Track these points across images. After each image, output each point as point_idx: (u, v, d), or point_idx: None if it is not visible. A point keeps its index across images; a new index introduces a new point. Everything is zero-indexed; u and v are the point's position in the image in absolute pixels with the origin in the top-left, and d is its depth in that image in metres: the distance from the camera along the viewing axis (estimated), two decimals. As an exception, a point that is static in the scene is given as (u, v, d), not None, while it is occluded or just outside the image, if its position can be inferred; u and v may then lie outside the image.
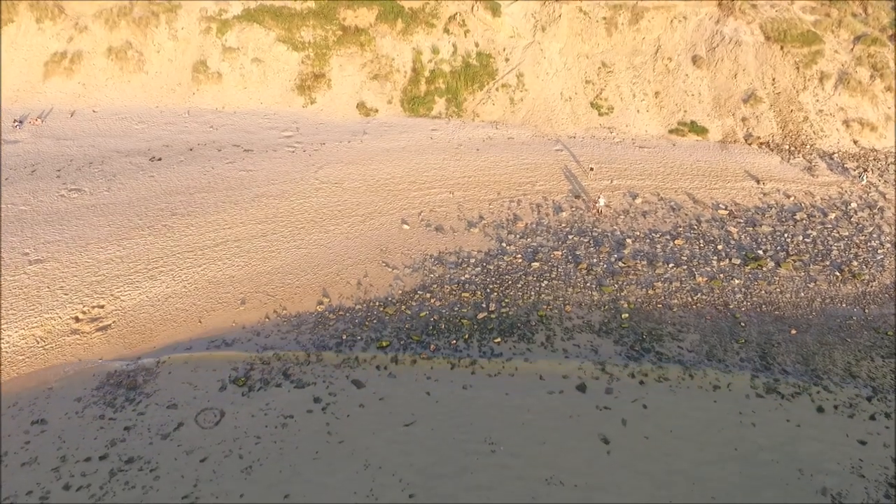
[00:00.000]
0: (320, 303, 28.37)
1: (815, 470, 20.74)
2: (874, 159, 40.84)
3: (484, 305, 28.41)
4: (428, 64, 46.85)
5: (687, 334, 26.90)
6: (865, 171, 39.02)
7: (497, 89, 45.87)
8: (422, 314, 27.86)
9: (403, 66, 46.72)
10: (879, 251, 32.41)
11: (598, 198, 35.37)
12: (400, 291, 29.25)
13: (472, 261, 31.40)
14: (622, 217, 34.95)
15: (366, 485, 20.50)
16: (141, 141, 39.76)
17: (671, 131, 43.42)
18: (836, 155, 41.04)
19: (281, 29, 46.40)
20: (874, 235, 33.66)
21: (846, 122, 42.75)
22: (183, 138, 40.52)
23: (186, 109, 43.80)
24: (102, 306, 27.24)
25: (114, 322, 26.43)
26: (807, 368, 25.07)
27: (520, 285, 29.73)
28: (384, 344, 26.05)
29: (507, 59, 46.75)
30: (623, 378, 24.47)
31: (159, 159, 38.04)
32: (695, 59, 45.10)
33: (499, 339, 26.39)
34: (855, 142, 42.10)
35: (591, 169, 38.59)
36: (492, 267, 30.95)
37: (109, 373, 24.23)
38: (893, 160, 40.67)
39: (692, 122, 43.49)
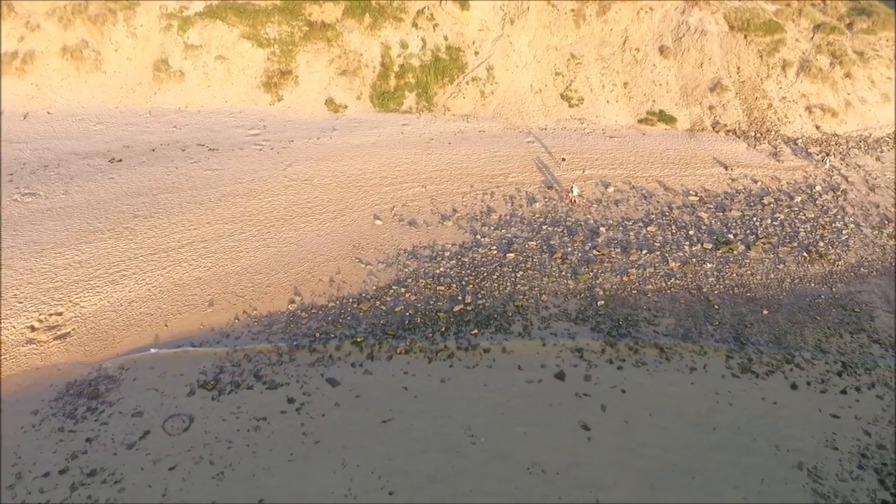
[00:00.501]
0: (292, 301, 27.64)
1: (790, 445, 20.93)
2: (836, 144, 41.77)
3: (460, 298, 28.06)
4: (397, 59, 46.30)
5: (662, 319, 26.98)
6: (828, 155, 39.88)
7: (467, 83, 45.59)
8: (397, 309, 27.37)
9: (372, 61, 46.10)
10: (844, 232, 33.08)
11: (572, 187, 35.35)
12: (374, 287, 28.70)
13: (447, 254, 31.02)
14: (595, 206, 35.00)
15: (343, 484, 19.94)
16: (100, 143, 38.34)
17: (640, 121, 43.74)
18: (799, 140, 41.86)
19: (245, 25, 45.32)
20: (838, 217, 34.36)
21: (808, 109, 43.65)
22: (144, 139, 39.21)
23: (148, 109, 42.43)
24: (61, 313, 26.04)
25: (73, 329, 25.28)
26: (779, 347, 25.35)
27: (495, 277, 29.46)
28: (359, 340, 25.49)
29: (476, 53, 46.51)
30: (601, 364, 24.38)
31: (120, 161, 36.72)
32: (662, 50, 45.54)
33: (476, 331, 26.07)
34: (817, 127, 43.01)
35: (564, 159, 38.59)
36: (467, 259, 30.62)
37: (69, 382, 23.13)
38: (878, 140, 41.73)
39: (661, 112, 43.88)
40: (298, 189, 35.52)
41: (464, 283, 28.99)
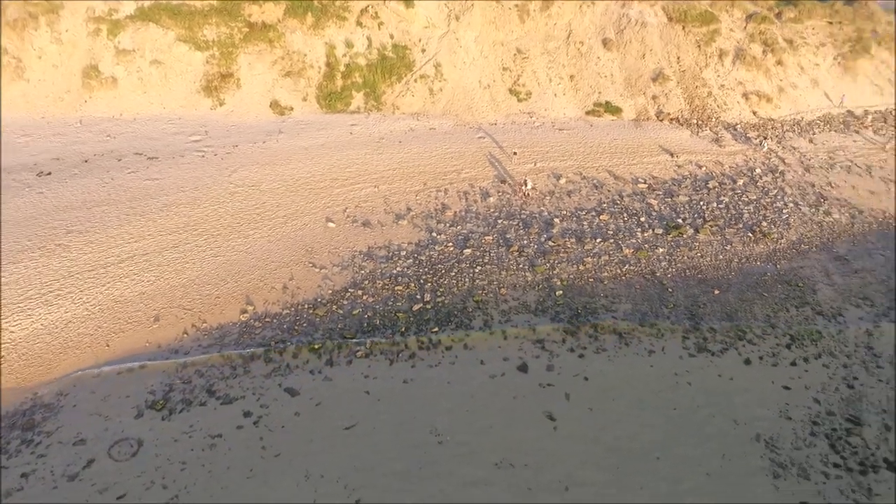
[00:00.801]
0: (244, 311, 26.55)
1: (748, 419, 21.46)
2: (772, 128, 43.54)
3: (419, 297, 27.62)
4: (342, 58, 45.46)
5: (619, 304, 27.31)
6: (765, 138, 41.47)
7: (415, 80, 45.19)
8: (355, 312, 26.70)
9: (317, 61, 45.09)
10: (784, 211, 34.42)
11: (525, 181, 35.46)
12: (330, 291, 27.91)
13: (403, 253, 30.53)
14: (548, 198, 35.22)
15: (308, 496, 19.18)
16: (26, 155, 35.95)
17: (588, 112, 44.41)
18: (738, 126, 43.41)
19: (181, 28, 43.50)
20: (778, 197, 35.74)
21: (745, 95, 45.33)
22: (76, 149, 37.02)
23: (78, 119, 40.14)
24: (-10, 339, 24.15)
25: (3, 357, 23.46)
26: (732, 325, 26.05)
27: (453, 273, 29.17)
28: (317, 347, 24.69)
29: (423, 50, 46.17)
30: (563, 353, 24.42)
31: (49, 174, 34.51)
32: (605, 42, 46.37)
33: (437, 329, 25.70)
34: (754, 113, 44.73)
35: (515, 153, 38.69)
36: (423, 258, 30.21)
37: None
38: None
39: (607, 103, 44.67)
40: (245, 195, 34.27)
41: (422, 281, 28.57)
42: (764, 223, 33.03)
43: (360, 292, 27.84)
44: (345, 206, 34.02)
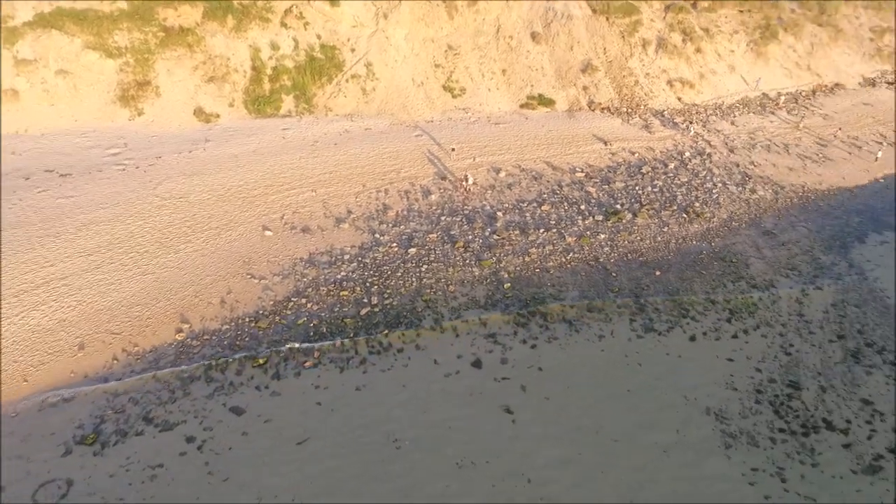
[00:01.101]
0: (180, 330, 24.91)
1: (696, 393, 22.06)
2: (696, 113, 45.42)
3: (366, 301, 26.83)
4: (269, 61, 43.80)
5: (567, 292, 27.54)
6: (691, 123, 43.18)
7: (347, 81, 44.16)
8: (299, 322, 25.60)
9: (241, 65, 43.22)
10: (714, 191, 35.89)
11: (465, 176, 35.26)
12: (271, 302, 26.66)
13: (347, 257, 29.62)
14: (489, 192, 35.18)
15: (262, 519, 18.11)
16: (-83, 179, 32.44)
17: (522, 106, 44.81)
18: (665, 112, 45.01)
19: (88, 34, 40.56)
20: (707, 178, 37.25)
21: (670, 83, 47.08)
22: (-24, 170, 33.73)
23: (-23, 136, 36.62)
24: None
25: None
26: (675, 304, 26.80)
27: (400, 274, 28.56)
28: (261, 361, 23.46)
29: (352, 50, 45.18)
30: (515, 346, 24.33)
31: (-54, 198, 31.26)
32: (534, 36, 46.94)
33: (386, 332, 25.01)
34: (679, 99, 46.52)
35: (453, 149, 38.46)
36: (368, 260, 29.42)
37: None
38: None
39: (540, 95, 45.23)
40: (174, 208, 32.28)
41: (368, 284, 27.79)
42: (696, 204, 34.29)
43: (303, 301, 26.74)
44: (282, 213, 32.70)
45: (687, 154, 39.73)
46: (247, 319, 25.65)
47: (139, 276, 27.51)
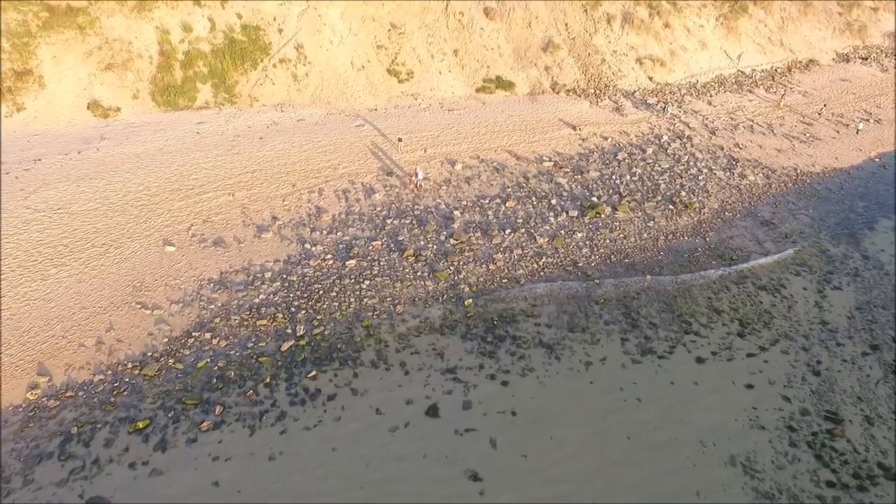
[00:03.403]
0: (34, 386, 18.58)
1: (715, 436, 17.21)
2: (670, 93, 41.15)
3: (289, 331, 21.02)
4: (180, 45, 37.20)
5: (542, 307, 22.38)
6: (667, 103, 38.82)
7: (274, 66, 37.99)
8: (200, 364, 19.60)
9: (147, 49, 36.50)
10: (700, 177, 31.49)
11: (416, 171, 29.75)
12: (165, 340, 20.56)
13: (268, 275, 23.72)
14: (444, 187, 29.78)
15: None
16: None
17: (478, 90, 39.59)
18: (637, 93, 40.57)
19: (-51, 15, 33.21)
20: (691, 163, 32.84)
21: (639, 60, 42.69)
22: None
23: None
24: None
25: None
26: (673, 315, 21.97)
27: (335, 293, 22.85)
28: (141, 425, 17.39)
29: (280, 30, 39.00)
30: (481, 383, 18.98)
31: None
32: (487, 11, 41.75)
33: (314, 373, 19.28)
34: (650, 78, 42.17)
35: (400, 140, 32.90)
36: (295, 277, 23.60)
37: None
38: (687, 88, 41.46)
39: (498, 78, 40.11)
40: (48, 222, 25.66)
41: (293, 309, 21.98)
42: (682, 193, 29.73)
43: (207, 335, 20.73)
44: (189, 223, 26.50)
45: (665, 138, 35.26)
46: (129, 365, 19.48)
47: (-12, 313, 20.97)
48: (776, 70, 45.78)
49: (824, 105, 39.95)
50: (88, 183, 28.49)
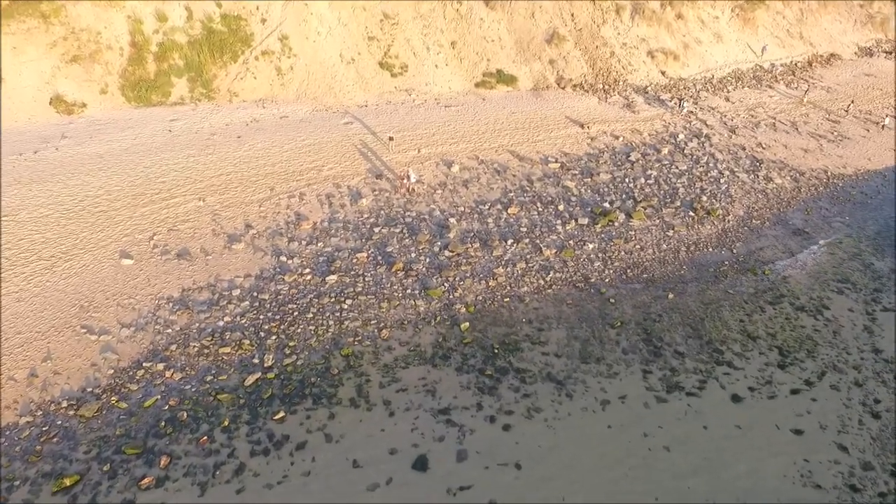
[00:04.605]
0: (-55, 430, 15.66)
1: (761, 497, 14.23)
2: (685, 88, 38.18)
3: (256, 360, 18.08)
4: (154, 35, 34.20)
5: (550, 331, 19.43)
6: (682, 99, 35.82)
7: (257, 58, 35.01)
8: (148, 403, 16.65)
9: (117, 40, 33.49)
10: (722, 180, 28.55)
11: (408, 173, 26.80)
12: (110, 372, 17.62)
13: (236, 293, 20.77)
14: (439, 191, 26.84)
15: None
16: None
17: (478, 84, 36.62)
18: (649, 88, 37.60)
19: None
20: (711, 165, 29.89)
21: (650, 54, 39.71)
22: None
23: None
24: None
25: None
26: (701, 342, 19.01)
27: (311, 315, 19.91)
28: (68, 482, 14.42)
29: (263, 20, 36.00)
30: (478, 426, 16.03)
31: None
32: (487, 1, 38.75)
33: (282, 414, 16.32)
34: (663, 72, 39.20)
35: (391, 139, 29.92)
36: (267, 296, 20.66)
37: None
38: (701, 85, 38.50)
39: (499, 72, 37.13)
40: (-11, 231, 22.73)
41: (262, 334, 19.04)
42: (704, 198, 26.79)
43: (160, 366, 17.78)
44: (152, 232, 23.57)
45: (681, 137, 32.29)
46: (64, 404, 16.53)
47: None
48: (796, 64, 42.80)
49: (851, 101, 36.96)
50: (41, 186, 25.55)
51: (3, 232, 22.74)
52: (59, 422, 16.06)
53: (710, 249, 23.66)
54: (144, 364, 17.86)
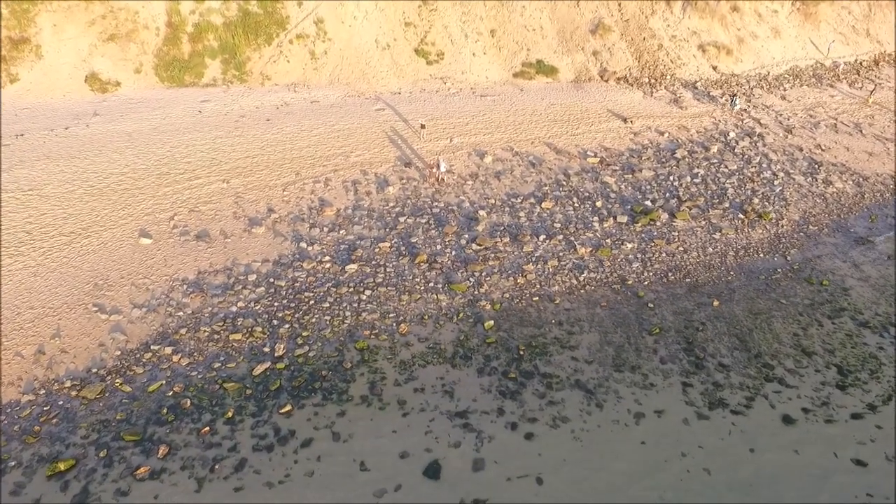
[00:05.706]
0: (-53, 404, 15.23)
1: (816, 536, 12.50)
2: (737, 84, 35.83)
3: (266, 349, 17.18)
4: (190, 16, 33.97)
5: (581, 335, 17.93)
6: (734, 96, 33.54)
7: (291, 42, 34.40)
8: (152, 387, 15.93)
9: (154, 20, 33.39)
10: (775, 182, 26.37)
11: (438, 162, 25.61)
12: (117, 353, 16.99)
13: (253, 278, 19.97)
14: (470, 182, 25.54)
15: None
16: None
17: (516, 74, 35.14)
18: (698, 83, 35.40)
19: (-56, -24, 30.70)
20: (764, 165, 27.71)
21: (701, 48, 37.44)
22: None
23: None
24: None
25: None
26: (749, 355, 17.20)
27: (327, 304, 18.92)
28: (63, 467, 13.75)
29: (299, 3, 35.37)
30: (498, 433, 14.70)
31: None
32: (530, -12, 37.19)
33: (289, 408, 15.34)
34: (714, 67, 36.91)
35: (423, 126, 28.74)
36: (283, 283, 19.77)
37: None
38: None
39: (539, 62, 35.56)
40: (13, 205, 22.53)
41: (275, 322, 18.15)
42: (755, 200, 24.74)
43: (168, 350, 17.06)
44: (174, 212, 23.03)
45: (732, 135, 30.14)
46: (67, 384, 15.94)
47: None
48: (861, 63, 39.80)
49: (924, 103, 34.03)
50: (69, 162, 25.36)
51: (19, 208, 22.49)
52: (61, 402, 15.46)
53: (761, 255, 21.69)
54: (153, 347, 17.16)
